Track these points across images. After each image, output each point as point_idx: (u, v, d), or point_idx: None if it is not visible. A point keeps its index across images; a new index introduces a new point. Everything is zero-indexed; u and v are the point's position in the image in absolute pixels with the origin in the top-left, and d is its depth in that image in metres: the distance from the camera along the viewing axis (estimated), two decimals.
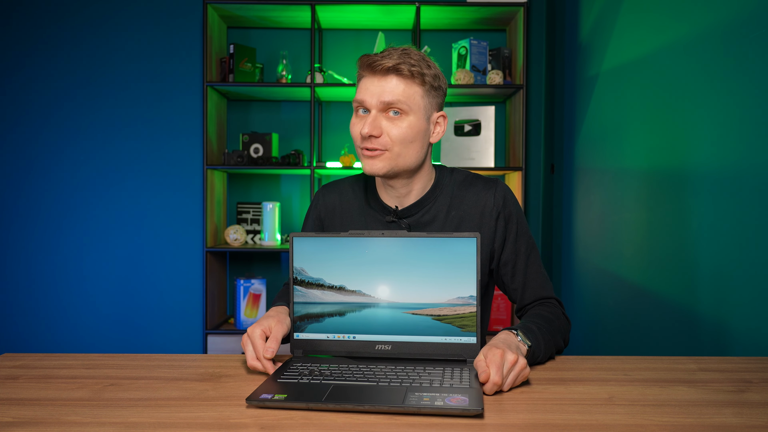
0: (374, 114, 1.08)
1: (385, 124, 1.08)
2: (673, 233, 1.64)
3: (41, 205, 2.85)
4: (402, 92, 1.07)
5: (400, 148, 1.09)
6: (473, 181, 1.20)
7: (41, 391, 0.86)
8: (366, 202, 1.22)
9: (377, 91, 1.07)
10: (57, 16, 2.83)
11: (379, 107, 1.08)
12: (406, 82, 1.07)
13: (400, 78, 1.07)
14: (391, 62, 1.06)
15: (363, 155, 1.11)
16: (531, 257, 1.18)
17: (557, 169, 2.77)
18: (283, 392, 0.82)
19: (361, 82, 1.11)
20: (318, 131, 2.91)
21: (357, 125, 1.11)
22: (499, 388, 0.84)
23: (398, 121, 1.08)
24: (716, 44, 1.46)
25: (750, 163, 1.31)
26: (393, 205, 1.19)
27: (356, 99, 1.11)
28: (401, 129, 1.08)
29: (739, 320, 1.35)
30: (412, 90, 1.08)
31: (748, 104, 1.32)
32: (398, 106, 1.07)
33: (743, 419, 0.76)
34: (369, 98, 1.08)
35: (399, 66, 1.06)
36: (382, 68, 1.06)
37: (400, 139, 1.08)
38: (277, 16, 2.73)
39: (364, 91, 1.09)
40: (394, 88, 1.07)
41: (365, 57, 1.10)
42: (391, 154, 1.09)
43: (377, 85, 1.07)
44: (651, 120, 1.81)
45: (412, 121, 1.09)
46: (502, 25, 2.85)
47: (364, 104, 1.09)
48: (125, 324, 2.87)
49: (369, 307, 0.99)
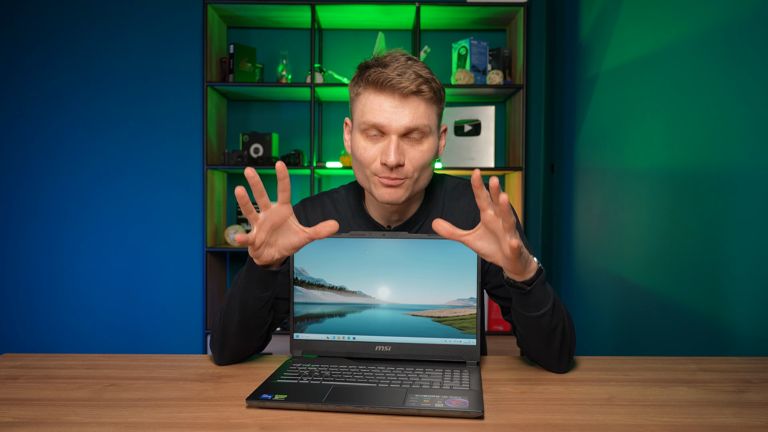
0: (396, 140, 0.99)
1: (406, 149, 1.00)
2: (674, 233, 1.64)
3: (41, 204, 2.85)
4: (423, 114, 0.99)
5: (419, 173, 1.02)
6: (464, 189, 1.15)
7: (41, 391, 0.86)
8: (354, 221, 1.14)
9: (398, 116, 0.98)
10: (57, 15, 2.83)
11: (401, 132, 0.99)
12: (427, 103, 1.00)
13: (421, 99, 0.99)
14: (413, 84, 0.97)
15: (380, 184, 1.02)
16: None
17: (557, 169, 2.77)
18: (283, 392, 0.82)
19: (367, 98, 1.00)
20: (318, 131, 2.91)
21: (370, 150, 1.01)
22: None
23: (419, 145, 1.01)
24: (718, 43, 1.45)
25: (751, 163, 1.31)
26: (384, 224, 1.12)
27: (367, 120, 1.00)
28: (423, 153, 1.01)
29: (739, 320, 1.35)
30: (431, 110, 1.01)
31: (750, 104, 1.32)
32: (422, 129, 1.00)
33: (743, 419, 0.76)
34: (389, 123, 0.98)
35: (422, 87, 0.98)
36: (406, 92, 0.97)
37: (422, 165, 1.02)
38: (277, 16, 2.73)
39: (380, 113, 0.98)
40: (416, 110, 0.98)
41: (375, 72, 0.99)
42: (411, 181, 1.02)
43: (398, 108, 0.98)
44: (651, 120, 1.81)
45: (431, 142, 1.02)
46: (502, 25, 2.85)
47: (381, 129, 0.99)
48: (125, 324, 2.87)
49: (369, 308, 0.99)
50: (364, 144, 1.02)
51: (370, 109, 1.00)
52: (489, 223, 0.82)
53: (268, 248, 0.89)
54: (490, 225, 0.82)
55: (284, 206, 0.87)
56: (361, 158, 1.03)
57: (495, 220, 0.82)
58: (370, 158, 1.01)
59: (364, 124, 1.01)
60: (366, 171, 1.03)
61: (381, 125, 0.99)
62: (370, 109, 1.00)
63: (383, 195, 1.02)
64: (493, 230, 0.83)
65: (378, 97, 0.99)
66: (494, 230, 0.82)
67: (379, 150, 1.01)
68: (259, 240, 0.87)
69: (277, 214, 0.87)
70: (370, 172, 1.03)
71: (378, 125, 0.99)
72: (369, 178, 1.04)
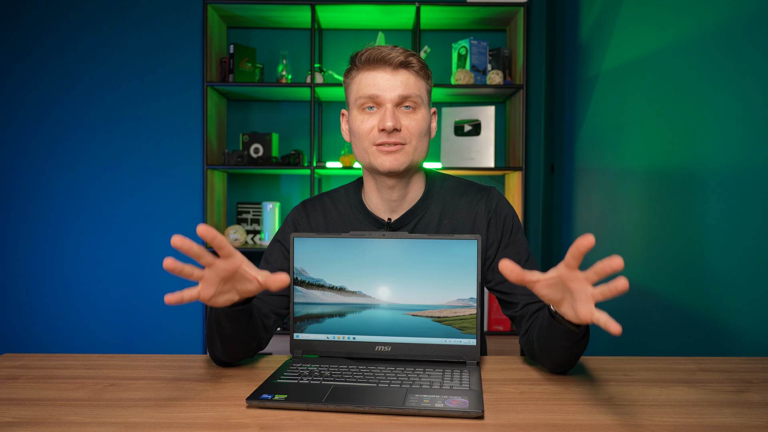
0: (391, 107, 1.05)
1: (401, 118, 1.06)
2: (674, 233, 1.64)
3: (41, 204, 2.85)
4: (414, 85, 1.06)
5: (417, 141, 1.07)
6: (466, 188, 1.17)
7: (41, 391, 0.86)
8: (354, 217, 1.16)
9: (391, 84, 1.05)
10: (57, 15, 2.83)
11: (395, 101, 1.05)
12: (416, 76, 1.07)
13: (410, 72, 1.06)
14: (401, 56, 1.05)
15: (380, 152, 1.06)
16: (528, 262, 1.11)
17: (557, 169, 2.77)
18: (283, 392, 0.82)
19: (362, 77, 1.08)
20: (318, 131, 2.91)
21: (367, 122, 1.07)
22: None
23: (413, 114, 1.07)
24: (718, 43, 1.45)
25: (751, 163, 1.31)
26: (384, 217, 1.15)
27: (363, 95, 1.07)
28: (418, 122, 1.07)
29: (739, 320, 1.35)
30: (420, 83, 1.08)
31: (750, 104, 1.32)
32: (413, 99, 1.06)
33: (743, 419, 0.76)
34: (383, 92, 1.05)
35: (410, 59, 1.05)
36: (396, 62, 1.05)
37: (417, 132, 1.07)
38: (277, 16, 2.73)
39: (374, 86, 1.06)
40: (407, 81, 1.06)
41: (369, 51, 1.06)
42: (410, 147, 1.07)
43: (390, 79, 1.05)
44: (651, 120, 1.81)
45: (423, 113, 1.08)
46: (502, 25, 2.85)
47: (377, 99, 1.06)
48: (125, 324, 2.87)
49: (369, 308, 0.99)
50: (361, 118, 1.08)
51: (365, 84, 1.07)
52: (569, 281, 0.77)
53: (224, 295, 0.86)
54: (570, 283, 0.77)
55: (229, 260, 0.83)
56: (358, 131, 1.08)
57: (580, 282, 0.77)
58: (368, 129, 1.07)
59: (360, 99, 1.07)
60: (364, 143, 1.08)
61: (376, 96, 1.05)
62: (365, 85, 1.07)
63: (384, 163, 1.06)
64: (571, 289, 0.78)
65: (371, 72, 1.06)
66: (572, 289, 0.78)
67: (376, 120, 1.07)
68: (207, 295, 0.83)
69: (224, 270, 0.83)
70: (368, 143, 1.07)
71: (373, 96, 1.06)
72: (368, 151, 1.08)
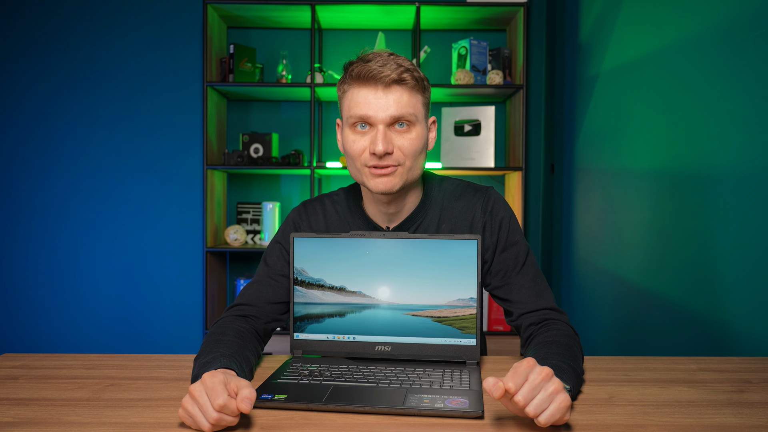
0: (382, 129, 1.00)
1: (394, 138, 1.02)
2: (674, 233, 1.64)
3: (40, 204, 2.85)
4: (407, 103, 1.01)
5: (411, 161, 1.03)
6: (463, 190, 1.15)
7: (41, 391, 0.86)
8: (354, 222, 1.14)
9: (383, 104, 1.00)
10: (57, 15, 2.83)
11: (387, 122, 1.01)
12: (410, 92, 1.02)
13: (404, 88, 1.01)
14: (394, 73, 0.99)
15: (372, 174, 1.03)
16: (525, 266, 1.08)
17: (557, 169, 2.77)
18: (283, 392, 0.82)
19: (353, 93, 1.02)
20: (318, 131, 2.91)
21: (359, 142, 1.03)
22: (508, 393, 0.70)
23: (406, 133, 1.02)
24: (718, 43, 1.45)
25: (751, 163, 1.31)
26: (383, 224, 1.13)
27: (354, 114, 1.02)
28: (412, 142, 1.02)
29: (739, 320, 1.35)
30: (415, 99, 1.03)
31: (750, 104, 1.32)
32: (407, 118, 1.01)
33: (743, 419, 0.76)
34: (374, 113, 1.00)
35: (403, 76, 1.00)
36: (387, 80, 0.99)
37: (412, 152, 1.03)
38: (277, 16, 2.73)
39: (365, 105, 1.00)
40: (400, 99, 1.00)
41: (358, 67, 1.01)
42: (404, 169, 1.03)
43: (381, 97, 1.00)
44: (651, 120, 1.81)
45: (418, 131, 1.04)
46: (502, 25, 2.85)
47: (368, 120, 1.01)
48: (125, 324, 2.87)
49: (369, 308, 0.99)
50: (353, 137, 1.04)
51: (356, 102, 1.02)
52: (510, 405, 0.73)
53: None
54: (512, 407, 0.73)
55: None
56: (351, 151, 1.04)
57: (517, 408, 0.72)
58: (360, 150, 1.03)
59: (351, 118, 1.03)
60: (357, 164, 1.04)
61: (367, 116, 1.01)
62: (355, 103, 1.02)
63: (377, 185, 1.03)
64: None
65: (362, 90, 1.01)
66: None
67: (368, 141, 1.02)
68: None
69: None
70: (360, 164, 1.04)
71: (364, 117, 1.01)
72: (361, 171, 1.05)
